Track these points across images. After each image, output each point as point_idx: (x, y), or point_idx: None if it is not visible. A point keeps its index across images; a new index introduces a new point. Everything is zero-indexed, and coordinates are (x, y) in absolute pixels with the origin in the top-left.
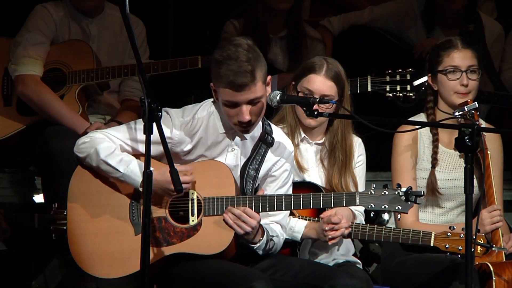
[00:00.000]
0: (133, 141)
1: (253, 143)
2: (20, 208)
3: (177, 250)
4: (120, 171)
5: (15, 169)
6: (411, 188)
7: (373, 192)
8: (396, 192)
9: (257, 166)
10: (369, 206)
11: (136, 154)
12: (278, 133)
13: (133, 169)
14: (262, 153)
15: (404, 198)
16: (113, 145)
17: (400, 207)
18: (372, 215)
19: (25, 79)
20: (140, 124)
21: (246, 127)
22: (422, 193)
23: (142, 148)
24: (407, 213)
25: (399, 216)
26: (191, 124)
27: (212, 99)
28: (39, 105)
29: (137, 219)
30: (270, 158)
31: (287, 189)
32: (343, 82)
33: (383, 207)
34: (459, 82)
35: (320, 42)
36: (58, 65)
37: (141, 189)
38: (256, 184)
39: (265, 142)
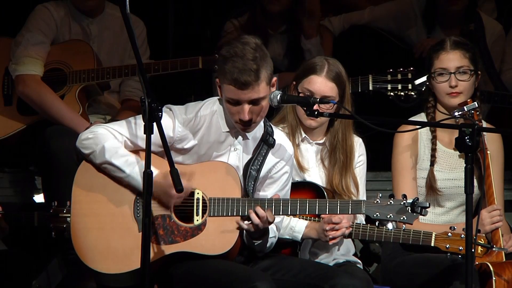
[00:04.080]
0: (136, 137)
1: (255, 144)
2: (21, 208)
3: (180, 248)
4: (125, 172)
5: (15, 169)
6: (417, 199)
7: (379, 201)
8: (402, 203)
9: (258, 166)
10: (375, 215)
11: (139, 151)
12: (279, 134)
13: (139, 171)
14: (263, 153)
15: (409, 209)
16: (118, 143)
17: (405, 218)
18: (377, 224)
19: (25, 78)
20: (141, 120)
21: (245, 125)
22: (428, 205)
23: (143, 144)
24: (412, 224)
25: (403, 226)
26: (194, 122)
27: (217, 97)
28: (39, 105)
29: (141, 216)
30: (271, 159)
31: (286, 192)
32: (344, 82)
33: (388, 216)
34: (447, 83)
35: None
36: (58, 65)
37: None
38: (256, 185)
39: (267, 142)
